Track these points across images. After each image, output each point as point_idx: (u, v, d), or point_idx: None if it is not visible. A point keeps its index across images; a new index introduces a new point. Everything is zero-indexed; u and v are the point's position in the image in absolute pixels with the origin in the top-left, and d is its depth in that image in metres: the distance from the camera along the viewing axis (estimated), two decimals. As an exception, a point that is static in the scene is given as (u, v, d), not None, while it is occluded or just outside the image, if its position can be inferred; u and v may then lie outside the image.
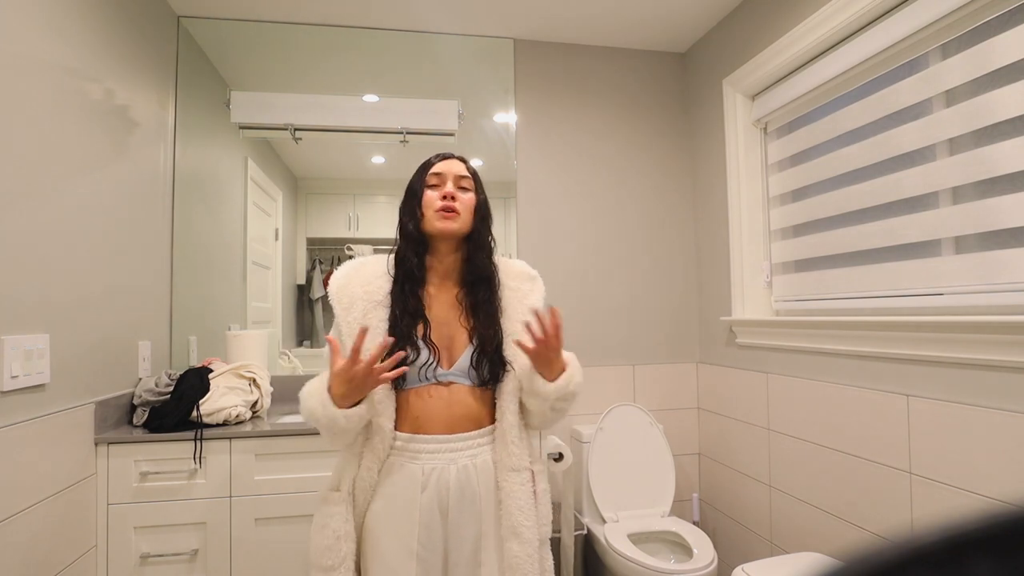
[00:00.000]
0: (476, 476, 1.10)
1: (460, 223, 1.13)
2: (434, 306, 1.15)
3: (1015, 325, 1.18)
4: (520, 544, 1.07)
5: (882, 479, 1.53)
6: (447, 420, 1.10)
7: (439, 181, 1.15)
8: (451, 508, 1.08)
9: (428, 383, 1.10)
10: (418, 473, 1.07)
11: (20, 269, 1.33)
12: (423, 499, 1.07)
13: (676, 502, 2.34)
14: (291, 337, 2.34)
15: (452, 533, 1.08)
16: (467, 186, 1.17)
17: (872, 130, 1.66)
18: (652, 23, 2.36)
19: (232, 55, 2.27)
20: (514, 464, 1.10)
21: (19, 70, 1.34)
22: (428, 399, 1.09)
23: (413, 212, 1.15)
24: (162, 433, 1.68)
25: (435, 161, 1.18)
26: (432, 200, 1.13)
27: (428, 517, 1.07)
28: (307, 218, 2.38)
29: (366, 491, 1.09)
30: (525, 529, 1.07)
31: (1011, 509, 0.18)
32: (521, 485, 1.10)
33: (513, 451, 1.10)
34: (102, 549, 1.62)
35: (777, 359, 1.97)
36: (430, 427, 1.09)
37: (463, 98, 2.41)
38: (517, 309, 1.16)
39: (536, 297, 1.20)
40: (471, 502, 1.09)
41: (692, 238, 2.57)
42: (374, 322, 1.09)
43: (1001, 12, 1.31)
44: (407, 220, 1.15)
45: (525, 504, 1.09)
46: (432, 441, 1.09)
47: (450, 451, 1.09)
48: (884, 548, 0.18)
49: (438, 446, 1.09)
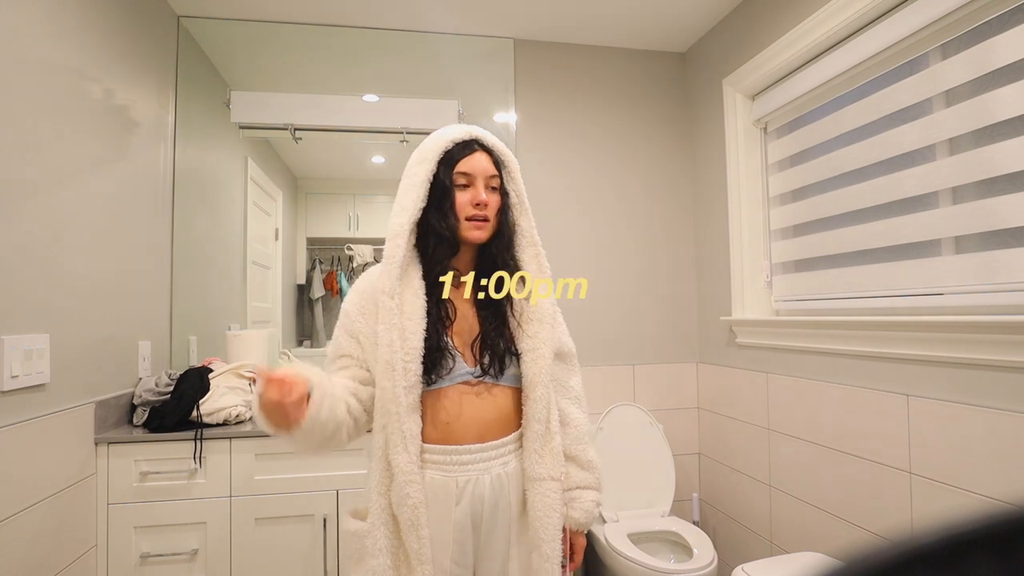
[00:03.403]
0: (508, 484, 1.05)
1: (488, 230, 1.08)
2: (457, 303, 1.10)
3: (1015, 325, 1.18)
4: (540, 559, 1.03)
5: (882, 479, 1.53)
6: (479, 425, 1.04)
7: (468, 182, 1.06)
8: (484, 520, 1.03)
9: (454, 383, 1.04)
10: (452, 487, 1.01)
11: (20, 269, 1.33)
12: (457, 514, 1.01)
13: (676, 502, 2.34)
14: (291, 337, 2.34)
15: (483, 546, 1.04)
16: (495, 185, 1.09)
17: (872, 130, 1.66)
18: (652, 23, 2.36)
19: (232, 55, 2.27)
20: (535, 473, 1.04)
21: (19, 70, 1.34)
22: (458, 401, 1.04)
23: (445, 215, 1.04)
24: (162, 433, 1.68)
25: (458, 156, 1.06)
26: (464, 206, 1.05)
27: (462, 533, 1.02)
28: (307, 218, 2.38)
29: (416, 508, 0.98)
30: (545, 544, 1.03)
31: (1011, 509, 0.18)
32: (544, 496, 1.04)
33: (535, 459, 1.05)
34: (102, 549, 1.62)
35: (777, 359, 1.97)
36: (463, 435, 1.03)
37: (463, 98, 2.41)
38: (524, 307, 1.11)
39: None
40: (504, 512, 1.05)
41: (692, 238, 2.57)
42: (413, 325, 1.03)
43: (1001, 12, 1.30)
44: (438, 222, 1.04)
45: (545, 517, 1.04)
46: (466, 452, 1.02)
47: (484, 460, 1.03)
48: (884, 548, 0.18)
49: (471, 456, 1.03)
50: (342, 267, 2.38)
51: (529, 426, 1.06)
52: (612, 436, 2.22)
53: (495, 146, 1.11)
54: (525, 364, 1.07)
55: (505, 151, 1.12)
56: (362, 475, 1.78)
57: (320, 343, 2.36)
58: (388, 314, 1.00)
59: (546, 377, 1.06)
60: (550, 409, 1.08)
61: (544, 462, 1.05)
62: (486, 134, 1.11)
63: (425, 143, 1.09)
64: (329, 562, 1.75)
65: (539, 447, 1.05)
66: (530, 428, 1.06)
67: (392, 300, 1.01)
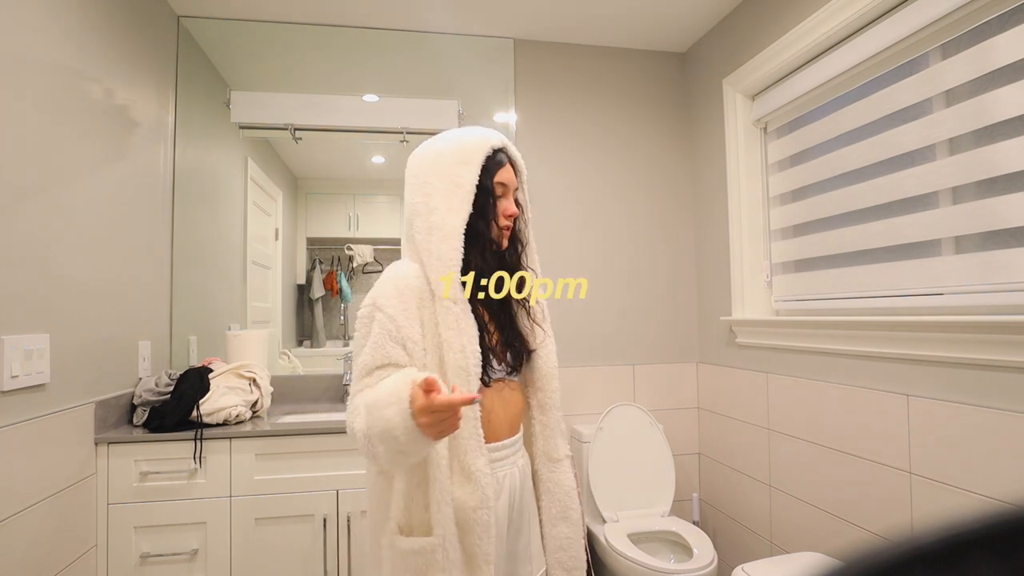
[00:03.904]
0: (527, 473, 1.13)
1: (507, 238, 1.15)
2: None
3: (1015, 325, 1.18)
4: (570, 526, 1.11)
5: (882, 479, 1.53)
6: (509, 420, 1.09)
7: (503, 192, 1.11)
8: (514, 510, 1.08)
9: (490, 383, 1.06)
10: (496, 483, 1.05)
11: (20, 269, 1.33)
12: (499, 508, 1.05)
13: (676, 502, 2.34)
14: (291, 337, 2.33)
15: (514, 534, 1.09)
16: (519, 199, 1.16)
17: (872, 130, 1.66)
18: (652, 23, 2.36)
19: (232, 55, 2.27)
20: (558, 455, 1.14)
21: (19, 70, 1.34)
22: (495, 399, 1.07)
23: (490, 223, 1.08)
24: (162, 433, 1.68)
25: (496, 164, 1.09)
26: (499, 216, 1.10)
27: (502, 527, 1.05)
28: (307, 218, 2.38)
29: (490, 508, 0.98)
30: (573, 511, 1.12)
31: (1011, 509, 0.18)
32: (565, 473, 1.13)
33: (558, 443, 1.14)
34: (102, 549, 1.62)
35: (777, 359, 1.97)
36: (499, 431, 1.07)
37: (463, 98, 2.41)
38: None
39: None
40: (530, 501, 1.12)
41: (692, 238, 2.57)
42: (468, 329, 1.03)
43: (1001, 12, 1.30)
44: (486, 229, 1.08)
45: (571, 489, 1.13)
46: (503, 447, 1.07)
47: (512, 454, 1.10)
48: (884, 548, 0.18)
49: (507, 451, 1.08)
50: (342, 267, 2.38)
51: (550, 414, 1.15)
52: (612, 436, 2.22)
53: (516, 157, 1.15)
54: (540, 359, 1.15)
55: (522, 161, 1.18)
56: (362, 475, 1.79)
57: (320, 343, 2.36)
58: (455, 319, 1.00)
59: (556, 369, 1.16)
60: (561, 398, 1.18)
61: (562, 445, 1.15)
62: (509, 143, 1.16)
63: (463, 142, 1.08)
64: (329, 562, 1.75)
65: (557, 433, 1.15)
66: (551, 416, 1.15)
67: (457, 305, 1.01)
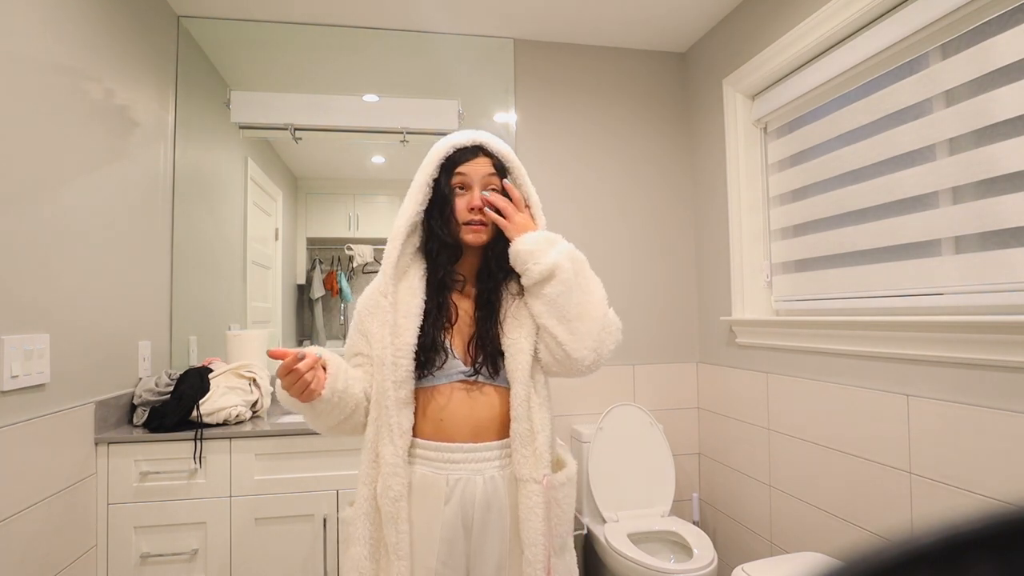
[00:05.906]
0: (503, 488, 1.04)
1: (488, 233, 1.09)
2: (459, 305, 1.11)
3: (1015, 325, 1.18)
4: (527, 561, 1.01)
5: (882, 479, 1.53)
6: (472, 424, 1.05)
7: (463, 183, 1.08)
8: (475, 523, 1.02)
9: (451, 381, 1.06)
10: (442, 484, 1.02)
11: (20, 269, 1.33)
12: (446, 513, 1.01)
13: (676, 502, 2.34)
14: (291, 337, 2.33)
15: (476, 550, 1.03)
16: (495, 185, 1.10)
17: (872, 130, 1.66)
18: (652, 23, 2.36)
19: (232, 55, 2.27)
20: (521, 474, 1.03)
21: (19, 69, 1.34)
22: (451, 398, 1.05)
23: (447, 221, 1.07)
24: (162, 433, 1.68)
25: (458, 161, 1.08)
26: (462, 211, 1.07)
27: (451, 533, 1.01)
28: (307, 218, 2.38)
29: (397, 501, 1.00)
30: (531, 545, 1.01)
31: (1011, 509, 0.18)
32: (530, 496, 1.02)
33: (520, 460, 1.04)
34: (102, 549, 1.62)
35: (777, 359, 1.97)
36: (456, 432, 1.04)
37: (463, 98, 2.41)
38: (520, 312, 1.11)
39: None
40: (497, 516, 1.03)
41: (692, 238, 2.57)
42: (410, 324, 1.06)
43: (1001, 12, 1.30)
44: (439, 228, 1.07)
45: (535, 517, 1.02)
46: (458, 450, 1.03)
47: (477, 460, 1.04)
48: (884, 548, 0.18)
49: (464, 455, 1.03)
50: (342, 267, 2.38)
51: (513, 426, 1.05)
52: (612, 436, 2.22)
53: (499, 151, 1.12)
54: (507, 362, 1.07)
55: (509, 155, 1.13)
56: (362, 475, 1.79)
57: (320, 343, 2.35)
58: (381, 312, 1.06)
59: (524, 375, 1.05)
60: (530, 408, 1.05)
61: (527, 463, 1.03)
62: (491, 139, 1.12)
63: (431, 149, 1.13)
64: (329, 562, 1.75)
65: (522, 447, 1.04)
66: (514, 428, 1.05)
67: (385, 299, 1.06)
